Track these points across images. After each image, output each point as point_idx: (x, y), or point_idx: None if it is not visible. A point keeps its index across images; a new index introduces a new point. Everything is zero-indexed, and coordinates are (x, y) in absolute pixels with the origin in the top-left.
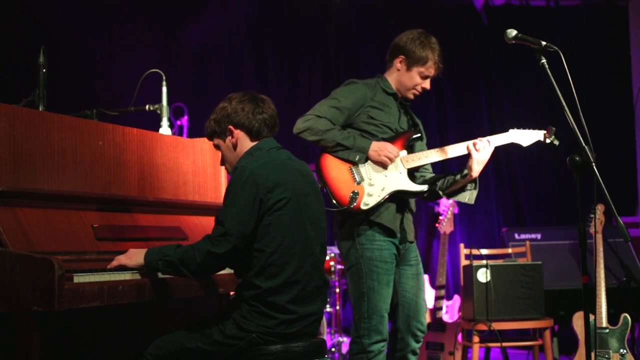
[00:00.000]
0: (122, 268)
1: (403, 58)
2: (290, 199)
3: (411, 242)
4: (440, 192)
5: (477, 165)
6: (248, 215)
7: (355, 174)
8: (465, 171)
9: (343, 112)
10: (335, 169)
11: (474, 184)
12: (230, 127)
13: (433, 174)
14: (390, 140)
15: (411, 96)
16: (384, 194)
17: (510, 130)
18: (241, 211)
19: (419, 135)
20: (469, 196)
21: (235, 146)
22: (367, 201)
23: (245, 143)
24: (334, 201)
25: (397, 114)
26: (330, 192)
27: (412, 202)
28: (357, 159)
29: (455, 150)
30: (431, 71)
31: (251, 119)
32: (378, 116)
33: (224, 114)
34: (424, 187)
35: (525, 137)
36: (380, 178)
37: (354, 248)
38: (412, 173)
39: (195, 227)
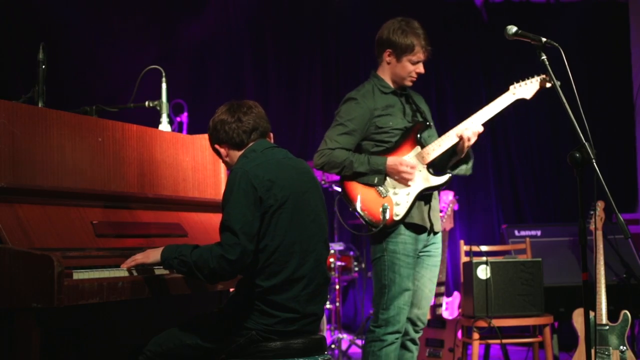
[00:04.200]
0: (140, 266)
1: (390, 51)
2: (288, 197)
3: (436, 233)
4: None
5: (467, 148)
6: (251, 215)
7: (380, 190)
8: (455, 157)
9: (354, 135)
10: (361, 190)
11: (468, 157)
12: (216, 146)
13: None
14: (400, 141)
15: (409, 83)
16: (411, 199)
17: (511, 87)
18: (244, 213)
19: (426, 124)
20: (467, 167)
21: (229, 159)
22: (397, 211)
23: (235, 154)
24: (370, 221)
25: (401, 109)
26: (364, 214)
27: (432, 193)
28: (375, 181)
29: (451, 139)
30: (420, 56)
31: (229, 132)
32: (386, 123)
33: (209, 134)
34: (447, 177)
35: (527, 89)
36: (403, 185)
37: (380, 242)
38: (432, 164)
39: (195, 224)
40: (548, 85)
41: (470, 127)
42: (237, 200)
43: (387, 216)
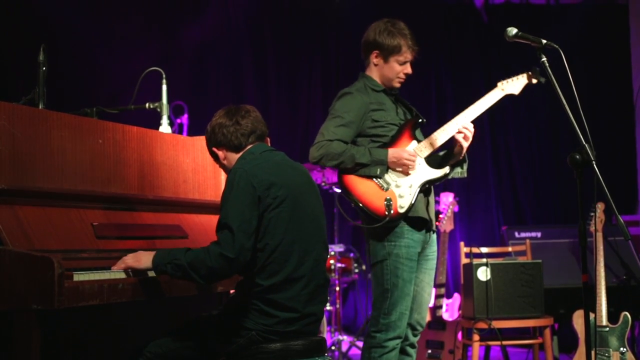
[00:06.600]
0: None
1: (377, 52)
2: (287, 195)
3: (433, 232)
4: None
5: (464, 149)
6: (249, 214)
7: (380, 183)
8: (453, 159)
9: (351, 127)
10: (361, 184)
11: (464, 160)
12: (214, 149)
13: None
14: (397, 136)
15: (397, 85)
16: (414, 190)
17: (499, 84)
18: (242, 211)
19: (419, 120)
20: (461, 171)
21: (227, 162)
22: (402, 203)
23: (233, 157)
24: (373, 215)
25: (393, 107)
26: (366, 207)
27: (431, 188)
28: (378, 172)
29: (447, 134)
30: (407, 56)
31: (228, 135)
32: (381, 117)
33: (207, 137)
34: (446, 170)
35: (515, 85)
36: (404, 177)
37: (382, 245)
38: (429, 159)
39: (195, 225)
40: (534, 81)
41: (467, 126)
42: (235, 198)
43: (392, 209)
